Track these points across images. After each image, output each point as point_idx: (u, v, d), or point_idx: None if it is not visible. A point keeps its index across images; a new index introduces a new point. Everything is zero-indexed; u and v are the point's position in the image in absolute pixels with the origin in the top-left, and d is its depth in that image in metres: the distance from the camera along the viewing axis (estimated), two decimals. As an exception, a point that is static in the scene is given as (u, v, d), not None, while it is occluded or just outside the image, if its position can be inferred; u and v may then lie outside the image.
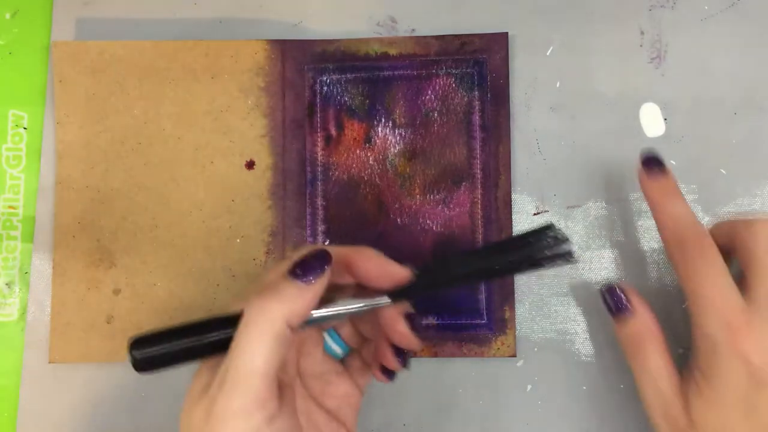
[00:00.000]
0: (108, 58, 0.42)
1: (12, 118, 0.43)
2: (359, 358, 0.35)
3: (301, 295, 0.29)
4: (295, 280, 0.29)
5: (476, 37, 0.41)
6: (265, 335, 0.28)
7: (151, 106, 0.42)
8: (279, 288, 0.29)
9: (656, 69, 0.41)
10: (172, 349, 0.30)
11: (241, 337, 0.28)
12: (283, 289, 0.29)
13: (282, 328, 0.28)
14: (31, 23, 0.43)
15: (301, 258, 0.30)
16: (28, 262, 0.41)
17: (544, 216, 0.41)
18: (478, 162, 0.41)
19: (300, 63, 0.42)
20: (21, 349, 0.41)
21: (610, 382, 0.39)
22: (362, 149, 0.41)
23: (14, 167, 0.42)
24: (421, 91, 0.41)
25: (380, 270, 0.31)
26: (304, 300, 0.29)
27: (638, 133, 0.41)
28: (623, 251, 0.40)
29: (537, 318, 0.40)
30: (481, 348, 0.39)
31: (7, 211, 0.42)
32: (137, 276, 0.41)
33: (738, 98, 0.41)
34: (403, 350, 0.33)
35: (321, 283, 0.30)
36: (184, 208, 0.41)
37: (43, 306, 0.41)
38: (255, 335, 0.28)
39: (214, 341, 0.30)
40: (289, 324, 0.28)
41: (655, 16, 0.42)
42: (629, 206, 0.40)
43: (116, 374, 0.40)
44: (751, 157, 0.40)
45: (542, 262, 0.31)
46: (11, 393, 0.41)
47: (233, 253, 0.41)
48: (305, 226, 0.41)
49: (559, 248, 0.31)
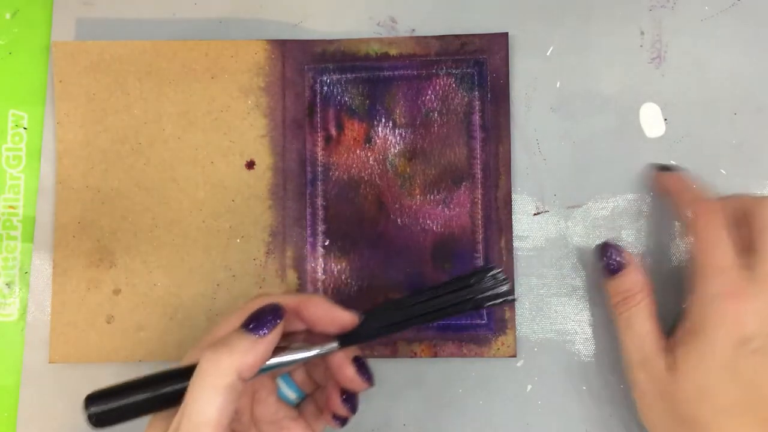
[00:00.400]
0: (108, 58, 0.42)
1: (12, 118, 0.43)
2: (314, 404, 0.35)
3: (253, 348, 0.30)
4: (248, 334, 0.30)
5: (476, 37, 0.41)
6: (217, 387, 0.28)
7: (151, 106, 0.42)
8: (232, 341, 0.30)
9: (656, 69, 0.41)
10: (128, 404, 0.30)
11: (194, 389, 0.29)
12: (236, 342, 0.30)
13: (234, 380, 0.29)
14: (31, 23, 0.43)
15: (254, 312, 0.31)
16: (28, 262, 0.41)
17: (544, 216, 0.41)
18: (478, 162, 0.41)
19: (300, 63, 0.42)
20: (21, 349, 0.41)
21: (610, 382, 0.39)
22: (362, 149, 0.41)
23: (14, 167, 0.42)
24: (421, 91, 0.41)
25: (327, 316, 0.32)
26: (256, 353, 0.30)
27: (638, 133, 0.41)
28: (623, 251, 0.40)
29: (537, 318, 0.40)
30: (481, 348, 0.39)
31: (7, 211, 0.42)
32: (137, 276, 0.41)
33: (738, 98, 0.41)
34: (352, 395, 0.33)
35: (274, 335, 0.30)
36: (184, 208, 0.41)
37: (43, 306, 0.41)
38: (208, 387, 0.28)
39: (168, 394, 0.30)
40: (241, 376, 0.29)
41: (655, 16, 0.42)
42: (629, 206, 0.40)
43: (116, 374, 0.40)
44: (751, 157, 0.40)
45: (484, 302, 0.32)
46: (11, 393, 0.41)
47: (233, 253, 0.41)
48: (305, 226, 0.41)
49: (498, 289, 0.32)
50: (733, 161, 0.40)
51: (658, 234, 0.40)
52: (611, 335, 0.39)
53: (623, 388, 0.39)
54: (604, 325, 0.40)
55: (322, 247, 0.41)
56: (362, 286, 0.40)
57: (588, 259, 0.40)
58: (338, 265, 0.40)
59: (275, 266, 0.40)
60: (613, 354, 0.39)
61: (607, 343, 0.40)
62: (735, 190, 0.40)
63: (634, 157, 0.41)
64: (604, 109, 0.41)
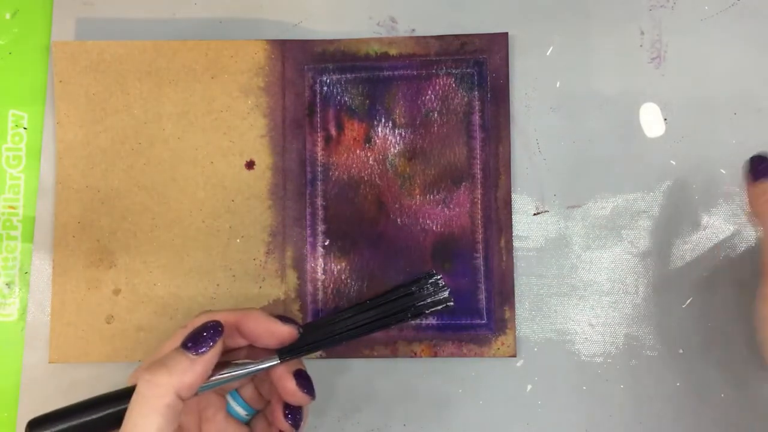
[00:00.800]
0: (108, 58, 0.42)
1: (12, 118, 0.43)
2: (264, 420, 0.35)
3: (191, 367, 0.30)
4: (186, 353, 0.30)
5: (476, 37, 0.41)
6: (156, 408, 0.28)
7: (151, 106, 0.42)
8: (169, 361, 0.30)
9: (656, 69, 0.41)
10: (70, 427, 0.31)
11: (133, 410, 0.29)
12: (174, 361, 0.30)
13: (173, 400, 0.29)
14: (31, 23, 0.43)
15: (193, 331, 0.31)
16: (28, 262, 0.41)
17: (544, 216, 0.41)
18: (478, 162, 0.41)
19: (300, 63, 0.42)
20: (21, 349, 0.41)
21: (610, 382, 0.39)
22: (362, 149, 0.41)
23: (14, 167, 0.42)
24: (421, 91, 0.41)
25: (267, 330, 0.32)
26: (194, 372, 0.30)
27: (638, 133, 0.41)
28: (623, 251, 0.40)
29: (537, 318, 0.40)
30: (481, 348, 0.39)
31: (7, 211, 0.42)
32: (137, 276, 0.41)
33: (738, 98, 0.41)
34: (295, 409, 0.33)
35: (212, 354, 0.30)
36: (184, 208, 0.41)
37: (43, 306, 0.41)
38: (146, 409, 0.28)
39: (111, 416, 0.31)
40: (179, 395, 0.29)
41: (655, 16, 0.42)
42: (629, 206, 0.40)
43: (116, 374, 0.40)
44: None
45: (424, 309, 0.32)
46: (11, 393, 0.41)
47: (233, 253, 0.41)
48: (305, 226, 0.41)
49: (439, 296, 0.33)
50: (733, 161, 0.40)
51: (658, 233, 0.40)
52: (611, 335, 0.40)
53: (623, 388, 0.39)
54: (605, 325, 0.40)
55: (322, 247, 0.41)
56: (362, 286, 0.40)
57: (588, 259, 0.40)
58: (338, 265, 0.40)
59: (275, 266, 0.40)
60: (613, 354, 0.39)
61: (607, 343, 0.40)
62: (735, 190, 0.40)
63: (634, 157, 0.41)
64: (604, 109, 0.41)
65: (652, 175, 0.40)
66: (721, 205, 0.40)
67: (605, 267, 0.40)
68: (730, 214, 0.40)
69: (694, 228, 0.40)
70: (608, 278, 0.40)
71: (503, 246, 0.40)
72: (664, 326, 0.39)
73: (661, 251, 0.40)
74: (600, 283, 0.40)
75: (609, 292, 0.40)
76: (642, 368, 0.39)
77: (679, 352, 0.39)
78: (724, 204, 0.40)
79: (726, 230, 0.40)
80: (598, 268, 0.40)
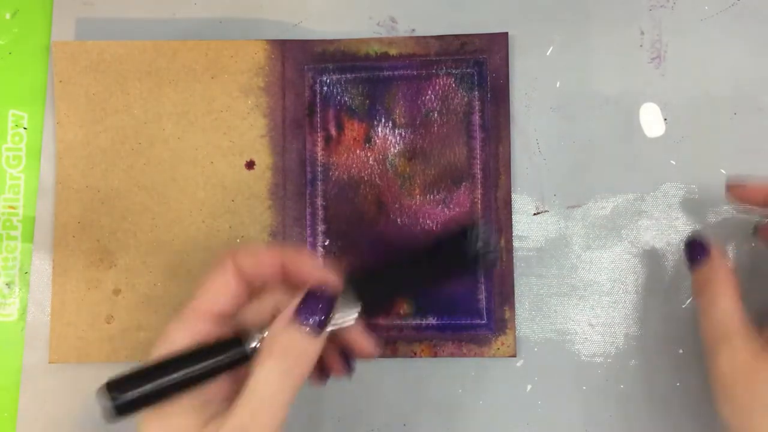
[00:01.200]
0: (108, 58, 0.42)
1: (12, 118, 0.43)
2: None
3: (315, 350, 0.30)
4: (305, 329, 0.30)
5: (476, 37, 0.41)
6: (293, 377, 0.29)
7: (151, 106, 0.42)
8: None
9: (656, 69, 0.41)
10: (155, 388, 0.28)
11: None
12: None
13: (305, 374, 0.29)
14: (31, 23, 0.43)
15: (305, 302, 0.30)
16: (28, 262, 0.41)
17: (544, 216, 0.41)
18: (478, 162, 0.41)
19: (300, 63, 0.42)
20: (21, 349, 0.41)
21: (610, 382, 0.39)
22: (362, 149, 0.41)
23: (14, 167, 0.42)
24: (421, 91, 0.41)
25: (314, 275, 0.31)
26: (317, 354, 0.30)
27: (638, 133, 0.41)
28: (623, 251, 0.40)
29: (537, 318, 0.40)
30: (481, 348, 0.39)
31: (7, 211, 0.42)
32: (137, 276, 0.41)
33: (738, 98, 0.41)
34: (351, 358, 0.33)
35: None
36: (184, 208, 0.41)
37: (43, 306, 0.41)
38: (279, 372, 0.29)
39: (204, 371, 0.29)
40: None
41: (655, 16, 0.42)
42: (629, 206, 0.40)
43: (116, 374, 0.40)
44: (751, 157, 0.40)
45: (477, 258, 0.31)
46: (11, 393, 0.41)
47: (233, 253, 0.41)
48: (305, 226, 0.41)
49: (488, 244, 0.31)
50: (733, 161, 0.40)
51: (658, 234, 0.40)
52: (611, 335, 0.40)
53: (623, 388, 0.39)
54: (605, 325, 0.40)
55: (322, 247, 0.41)
56: (362, 286, 0.40)
57: (588, 258, 0.40)
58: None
59: (275, 266, 0.40)
60: (613, 354, 0.39)
61: (607, 344, 0.40)
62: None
63: (634, 157, 0.41)
64: (604, 109, 0.41)
65: (652, 175, 0.40)
66: (721, 205, 0.40)
67: (605, 267, 0.40)
68: (730, 214, 0.40)
69: (694, 228, 0.40)
70: (608, 278, 0.40)
71: (503, 246, 0.40)
72: (664, 326, 0.39)
73: (661, 251, 0.40)
74: (600, 283, 0.40)
75: (609, 292, 0.40)
76: (642, 368, 0.39)
77: (679, 352, 0.39)
78: (724, 204, 0.40)
79: (726, 230, 0.40)
80: (598, 268, 0.40)
